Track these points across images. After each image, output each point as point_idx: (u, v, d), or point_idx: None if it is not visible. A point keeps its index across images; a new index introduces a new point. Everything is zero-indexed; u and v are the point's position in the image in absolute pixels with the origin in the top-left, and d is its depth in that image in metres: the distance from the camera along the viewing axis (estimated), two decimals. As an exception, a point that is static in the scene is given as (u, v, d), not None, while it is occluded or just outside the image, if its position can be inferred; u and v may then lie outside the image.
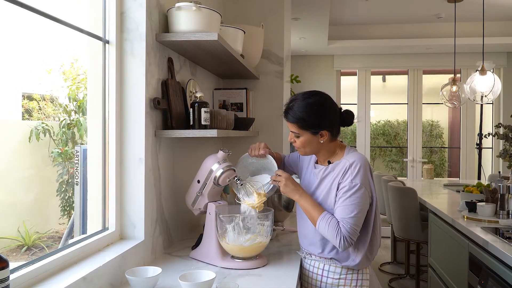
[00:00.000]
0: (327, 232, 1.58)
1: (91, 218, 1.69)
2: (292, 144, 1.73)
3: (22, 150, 2.68)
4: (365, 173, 1.62)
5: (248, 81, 2.97)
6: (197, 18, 1.76)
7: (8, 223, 2.61)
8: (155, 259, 1.79)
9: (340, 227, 1.56)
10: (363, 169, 1.61)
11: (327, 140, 1.67)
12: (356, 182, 1.59)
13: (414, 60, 6.63)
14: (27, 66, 2.67)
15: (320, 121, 1.64)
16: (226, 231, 1.69)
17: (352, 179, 1.59)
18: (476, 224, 2.54)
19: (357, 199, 1.58)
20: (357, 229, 1.58)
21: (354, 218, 1.57)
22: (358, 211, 1.58)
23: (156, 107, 1.76)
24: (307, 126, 1.64)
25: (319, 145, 1.68)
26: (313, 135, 1.65)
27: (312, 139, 1.66)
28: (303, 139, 1.66)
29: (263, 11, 2.98)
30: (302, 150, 1.71)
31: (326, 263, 1.72)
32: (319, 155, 1.74)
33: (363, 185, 1.60)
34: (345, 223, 1.56)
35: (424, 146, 7.37)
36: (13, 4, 1.18)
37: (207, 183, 1.77)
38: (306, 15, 4.62)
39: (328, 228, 1.57)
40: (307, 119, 1.63)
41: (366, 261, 1.70)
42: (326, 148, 1.70)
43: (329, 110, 1.67)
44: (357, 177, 1.59)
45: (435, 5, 5.11)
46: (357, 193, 1.59)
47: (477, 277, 2.27)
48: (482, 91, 4.31)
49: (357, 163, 1.62)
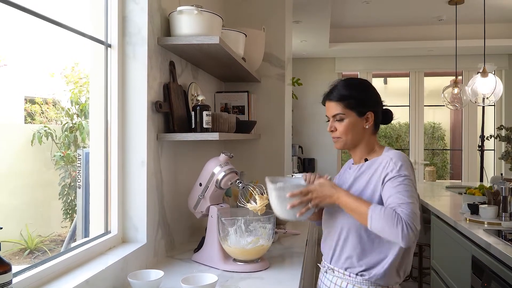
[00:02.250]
0: (385, 222, 1.30)
1: (93, 222, 1.69)
2: (332, 134, 1.55)
3: (25, 154, 2.69)
4: (410, 170, 1.43)
5: (250, 84, 2.97)
6: (198, 22, 1.77)
7: (11, 227, 2.61)
8: (157, 262, 1.79)
9: (399, 212, 1.31)
10: (408, 165, 1.44)
11: (370, 129, 1.53)
12: (405, 173, 1.40)
13: (416, 63, 6.63)
14: (30, 70, 2.68)
15: (367, 99, 1.52)
16: (228, 234, 1.69)
17: (398, 170, 1.41)
18: (479, 226, 2.54)
19: (410, 187, 1.38)
20: (418, 216, 1.34)
21: (412, 204, 1.34)
22: (414, 199, 1.36)
23: (158, 111, 1.77)
24: (354, 103, 1.49)
25: (361, 133, 1.52)
26: (358, 117, 1.50)
27: (356, 122, 1.50)
28: (347, 122, 1.50)
29: (264, 14, 2.98)
30: (343, 139, 1.53)
31: (350, 282, 1.48)
32: (357, 151, 1.56)
33: (411, 179, 1.41)
34: (404, 207, 1.32)
35: (426, 148, 7.36)
36: (15, 9, 1.19)
37: (209, 186, 1.77)
38: (307, 18, 4.63)
39: (384, 217, 1.30)
40: (354, 95, 1.50)
41: (395, 275, 1.46)
42: (366, 141, 1.54)
43: (375, 93, 1.56)
44: (403, 169, 1.41)
45: (436, 7, 5.12)
46: (409, 183, 1.39)
47: (480, 280, 2.27)
48: (484, 93, 4.30)
49: (399, 158, 1.45)
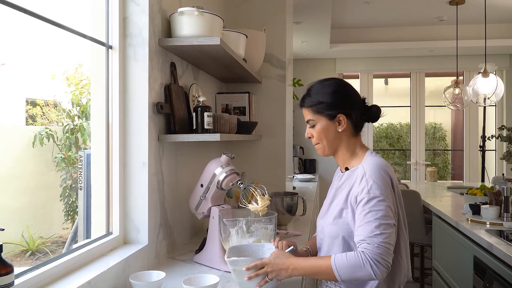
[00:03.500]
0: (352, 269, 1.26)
1: (95, 223, 1.69)
2: (311, 141, 1.53)
3: (26, 155, 2.69)
4: (384, 183, 1.36)
5: (251, 85, 2.97)
6: (199, 23, 1.77)
7: (12, 228, 2.61)
8: (159, 263, 1.79)
9: (363, 250, 1.27)
10: (380, 181, 1.35)
11: (347, 131, 1.48)
12: (375, 194, 1.33)
13: (416, 63, 6.63)
14: (31, 71, 2.68)
15: (337, 102, 1.46)
16: (230, 235, 1.68)
17: (368, 191, 1.34)
18: (480, 226, 2.53)
19: (381, 212, 1.31)
20: (389, 248, 1.28)
21: (382, 235, 1.28)
22: (385, 226, 1.30)
23: (159, 112, 1.77)
24: (322, 108, 1.46)
25: (337, 137, 1.48)
26: (329, 121, 1.46)
27: (328, 126, 1.46)
28: (319, 127, 1.47)
29: (265, 15, 2.99)
30: (320, 145, 1.50)
31: None
32: (338, 156, 1.53)
33: (384, 196, 1.34)
34: (370, 242, 1.27)
35: (427, 149, 7.36)
36: (16, 10, 1.19)
37: (210, 187, 1.77)
38: (308, 18, 4.64)
39: (349, 263, 1.27)
40: (322, 100, 1.46)
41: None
42: (346, 144, 1.49)
43: (347, 92, 1.50)
44: (373, 189, 1.34)
45: (436, 7, 5.12)
46: (379, 206, 1.32)
47: (482, 280, 2.26)
48: (485, 93, 4.30)
49: (372, 174, 1.37)
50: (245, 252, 1.56)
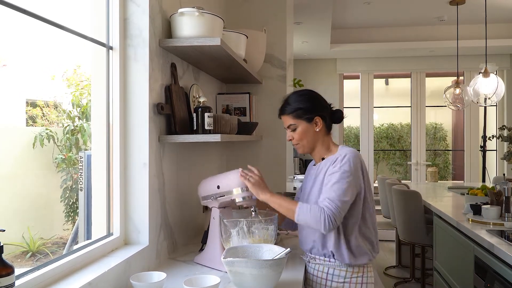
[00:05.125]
0: (310, 214, 1.58)
1: (95, 224, 1.69)
2: (292, 142, 1.80)
3: (26, 156, 2.69)
4: (355, 164, 1.64)
5: (251, 85, 2.97)
6: (199, 24, 1.77)
7: (13, 229, 2.61)
8: (160, 264, 1.79)
9: (323, 207, 1.57)
10: (353, 159, 1.64)
11: (322, 131, 1.77)
12: (345, 169, 1.62)
13: (417, 63, 6.63)
14: (31, 73, 2.68)
15: (313, 107, 1.75)
16: (231, 235, 1.68)
17: (340, 166, 1.63)
18: (481, 227, 2.53)
19: (346, 184, 1.60)
20: (342, 214, 1.59)
21: (341, 201, 1.58)
22: (344, 195, 1.59)
23: (160, 112, 1.77)
24: (301, 113, 1.75)
25: (315, 136, 1.76)
26: (308, 123, 1.75)
27: (307, 128, 1.75)
28: (300, 129, 1.76)
29: (265, 15, 2.99)
30: (300, 144, 1.78)
31: (331, 266, 1.71)
32: (315, 152, 1.81)
33: (351, 173, 1.62)
34: (329, 203, 1.57)
35: (428, 149, 7.36)
36: (16, 11, 1.19)
37: (225, 196, 1.76)
38: (308, 19, 4.64)
39: (310, 211, 1.58)
40: (301, 107, 1.75)
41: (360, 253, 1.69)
42: (321, 141, 1.78)
43: (319, 99, 1.80)
44: (346, 165, 1.63)
45: (437, 8, 5.12)
46: (346, 179, 1.61)
47: (483, 280, 2.26)
48: (486, 93, 4.30)
49: (346, 155, 1.66)
50: (243, 253, 1.56)
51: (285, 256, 1.46)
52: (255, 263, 1.40)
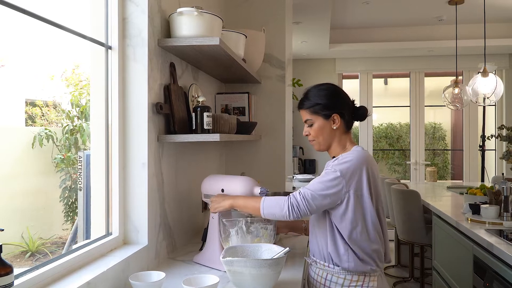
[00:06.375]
0: (274, 204, 1.57)
1: (94, 224, 1.69)
2: (308, 138, 1.74)
3: (25, 156, 2.69)
4: (354, 170, 1.56)
5: (250, 85, 2.97)
6: (198, 23, 1.77)
7: (12, 229, 2.61)
8: (159, 264, 1.79)
9: (291, 195, 1.56)
10: (352, 164, 1.57)
11: (340, 129, 1.70)
12: (338, 168, 1.56)
13: (416, 63, 6.63)
14: (30, 72, 2.68)
15: (332, 104, 1.68)
16: (230, 235, 1.68)
17: (335, 165, 1.58)
18: (480, 226, 2.53)
19: (328, 183, 1.55)
20: (310, 205, 1.54)
21: (312, 194, 1.54)
22: (321, 190, 1.54)
23: (159, 112, 1.77)
24: (319, 109, 1.68)
25: (332, 134, 1.69)
26: (325, 120, 1.68)
27: (324, 124, 1.68)
28: (316, 125, 1.69)
29: (264, 15, 2.99)
30: (316, 141, 1.72)
31: (329, 272, 1.65)
32: (331, 150, 1.73)
33: (342, 176, 1.55)
34: (298, 192, 1.57)
35: (427, 149, 7.36)
36: (15, 11, 1.19)
37: None
38: (307, 19, 4.64)
39: (276, 202, 1.58)
40: (320, 102, 1.68)
41: (365, 263, 1.61)
42: (338, 140, 1.71)
43: (340, 95, 1.72)
44: (341, 165, 1.57)
45: (436, 7, 5.12)
46: (331, 178, 1.55)
47: (482, 280, 2.26)
48: (485, 93, 4.31)
49: (349, 155, 1.60)
50: (242, 252, 1.56)
51: (284, 256, 1.46)
52: (254, 263, 1.40)
